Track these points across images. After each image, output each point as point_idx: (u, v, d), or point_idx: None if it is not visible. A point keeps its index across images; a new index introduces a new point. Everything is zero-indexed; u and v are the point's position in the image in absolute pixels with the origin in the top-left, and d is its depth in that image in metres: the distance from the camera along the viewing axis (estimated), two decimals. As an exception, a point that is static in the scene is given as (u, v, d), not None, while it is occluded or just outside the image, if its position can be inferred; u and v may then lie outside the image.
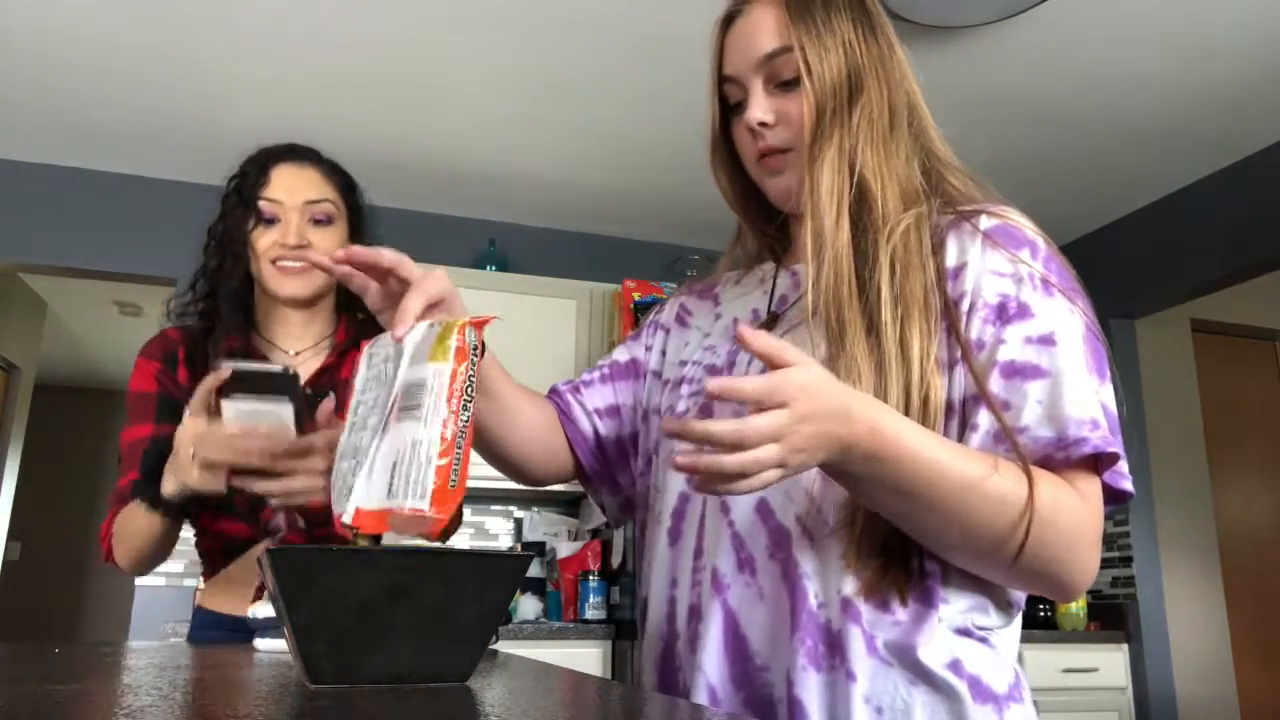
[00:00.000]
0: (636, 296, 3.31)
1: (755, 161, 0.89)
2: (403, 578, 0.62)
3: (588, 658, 2.96)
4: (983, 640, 0.77)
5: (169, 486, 1.06)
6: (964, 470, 0.69)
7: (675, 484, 0.89)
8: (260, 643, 0.97)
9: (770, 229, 0.96)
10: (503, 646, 1.21)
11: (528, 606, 3.22)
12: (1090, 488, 0.73)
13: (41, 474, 6.24)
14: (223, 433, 0.99)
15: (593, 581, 3.16)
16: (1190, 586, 3.57)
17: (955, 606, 0.76)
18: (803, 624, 0.75)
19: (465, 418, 0.69)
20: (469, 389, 0.70)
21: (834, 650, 0.75)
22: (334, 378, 1.33)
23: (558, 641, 2.95)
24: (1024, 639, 2.49)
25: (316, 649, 0.62)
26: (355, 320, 1.39)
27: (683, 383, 0.94)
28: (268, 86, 2.83)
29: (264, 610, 0.96)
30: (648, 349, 1.04)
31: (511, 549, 3.58)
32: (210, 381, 0.99)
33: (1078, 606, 3.40)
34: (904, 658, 0.74)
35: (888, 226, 0.80)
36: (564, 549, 3.37)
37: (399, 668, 0.63)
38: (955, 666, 0.74)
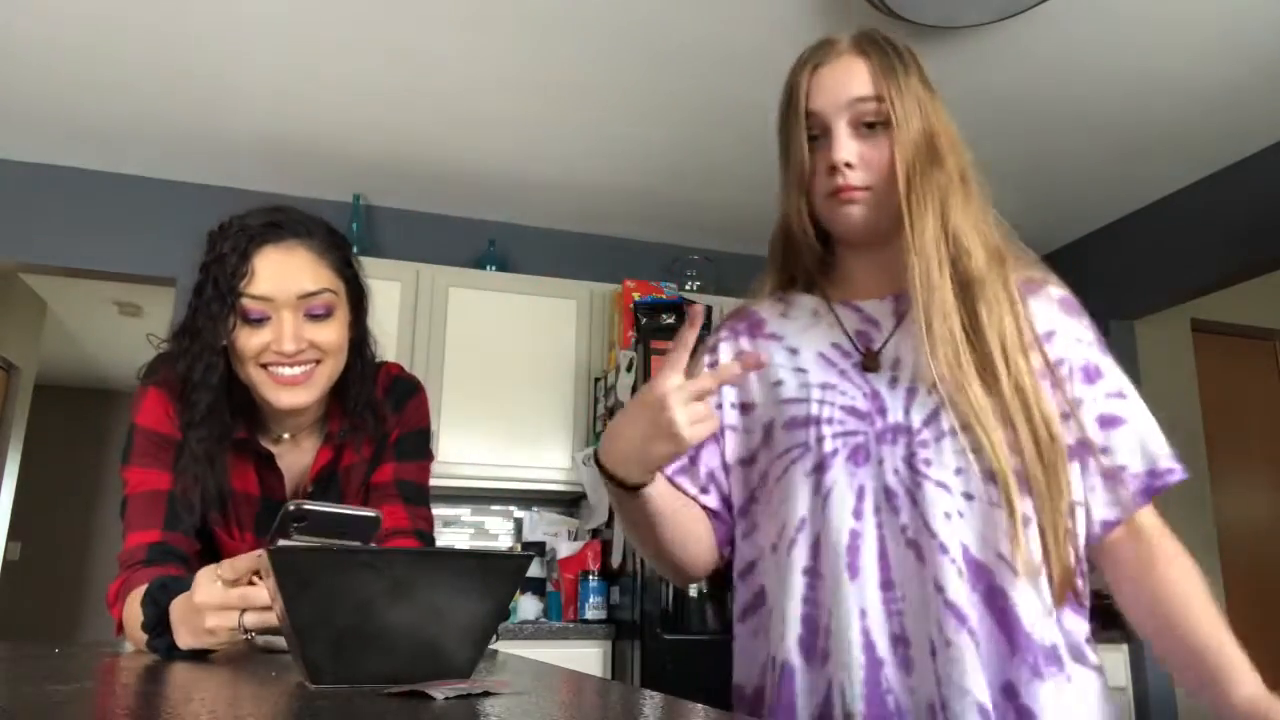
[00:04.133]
0: (636, 296, 3.31)
1: (827, 195, 0.95)
2: (402, 578, 0.62)
3: (588, 658, 2.96)
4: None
5: (188, 641, 0.91)
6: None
7: (845, 522, 0.90)
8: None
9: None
10: (503, 646, 1.21)
11: (528, 606, 3.22)
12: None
13: (41, 474, 6.23)
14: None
15: (593, 581, 3.15)
16: (1190, 586, 3.56)
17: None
18: (1022, 646, 0.86)
19: None
20: None
21: (1051, 660, 0.87)
22: (335, 469, 1.23)
23: (558, 641, 2.95)
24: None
25: (316, 649, 0.62)
26: (345, 404, 1.21)
27: (819, 422, 0.94)
28: (268, 87, 2.83)
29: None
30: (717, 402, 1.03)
31: (511, 549, 3.58)
32: (249, 562, 0.86)
33: (1078, 606, 3.39)
34: (1078, 653, 0.91)
35: (983, 281, 0.91)
36: (564, 549, 3.37)
37: (399, 668, 0.63)
38: (1082, 648, 0.93)
